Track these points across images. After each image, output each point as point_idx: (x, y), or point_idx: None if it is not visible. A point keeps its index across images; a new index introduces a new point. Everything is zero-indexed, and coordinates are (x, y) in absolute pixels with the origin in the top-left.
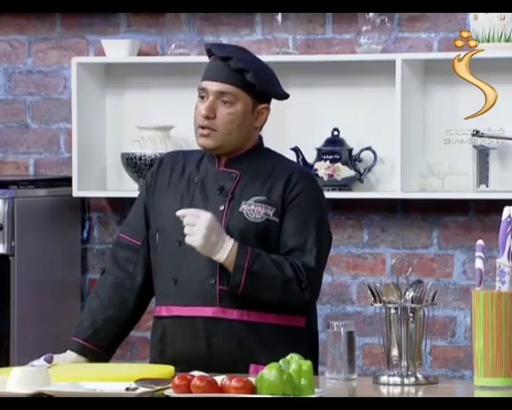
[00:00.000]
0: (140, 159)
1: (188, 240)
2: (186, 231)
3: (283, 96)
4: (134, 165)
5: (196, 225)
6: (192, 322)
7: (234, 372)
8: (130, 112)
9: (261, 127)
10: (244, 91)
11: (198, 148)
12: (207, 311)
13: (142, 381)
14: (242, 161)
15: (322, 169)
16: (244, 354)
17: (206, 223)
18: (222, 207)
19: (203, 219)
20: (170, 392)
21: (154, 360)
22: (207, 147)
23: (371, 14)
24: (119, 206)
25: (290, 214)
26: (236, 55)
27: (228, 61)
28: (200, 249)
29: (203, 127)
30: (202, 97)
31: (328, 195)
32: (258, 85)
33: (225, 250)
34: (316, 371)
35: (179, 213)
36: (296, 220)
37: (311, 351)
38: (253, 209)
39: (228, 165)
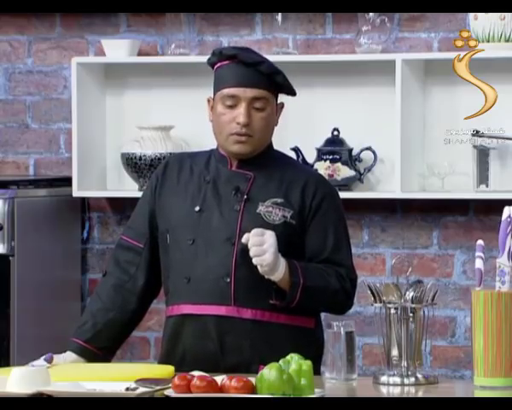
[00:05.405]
0: (140, 159)
1: (257, 261)
2: (254, 252)
3: (295, 91)
4: (134, 165)
5: (265, 243)
6: (203, 320)
7: (243, 372)
8: (130, 112)
9: None
10: (272, 94)
11: (200, 149)
12: (221, 310)
13: (142, 381)
14: (255, 163)
15: (323, 169)
16: (255, 354)
17: (273, 239)
18: (237, 208)
19: (269, 236)
20: (170, 392)
21: (161, 360)
22: (244, 153)
23: (371, 14)
24: (119, 206)
25: (318, 223)
26: (265, 60)
27: (258, 66)
28: (267, 268)
29: (241, 134)
30: (230, 105)
31: None
32: (287, 87)
33: (281, 269)
34: (318, 372)
35: (244, 239)
36: (327, 229)
37: (318, 352)
38: (271, 211)
39: (240, 166)
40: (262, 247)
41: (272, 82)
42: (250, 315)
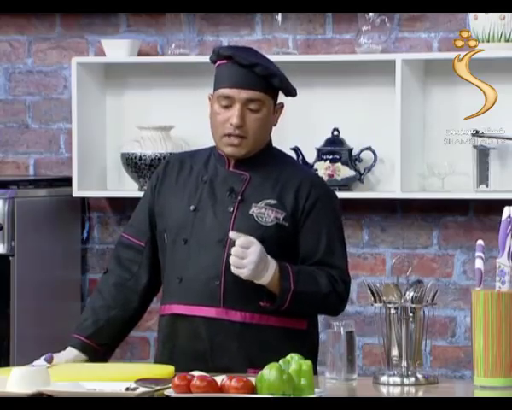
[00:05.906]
0: (140, 159)
1: (235, 271)
2: (233, 262)
3: (295, 91)
4: (134, 165)
5: (246, 258)
6: (193, 321)
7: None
8: (130, 112)
9: None
10: (268, 95)
11: (200, 147)
12: (211, 311)
13: (142, 381)
14: (252, 163)
15: (322, 169)
16: (244, 356)
17: (255, 257)
18: (231, 209)
19: (252, 252)
20: (170, 392)
21: (157, 359)
22: (238, 155)
23: (371, 14)
24: (119, 206)
25: (311, 225)
26: (261, 62)
27: (253, 67)
28: (246, 279)
29: (235, 136)
30: (225, 105)
31: None
32: (285, 89)
33: (269, 274)
34: (314, 372)
35: (232, 235)
36: (320, 231)
37: (311, 352)
38: (264, 212)
39: (237, 166)
40: (242, 261)
41: (269, 84)
42: (239, 318)
